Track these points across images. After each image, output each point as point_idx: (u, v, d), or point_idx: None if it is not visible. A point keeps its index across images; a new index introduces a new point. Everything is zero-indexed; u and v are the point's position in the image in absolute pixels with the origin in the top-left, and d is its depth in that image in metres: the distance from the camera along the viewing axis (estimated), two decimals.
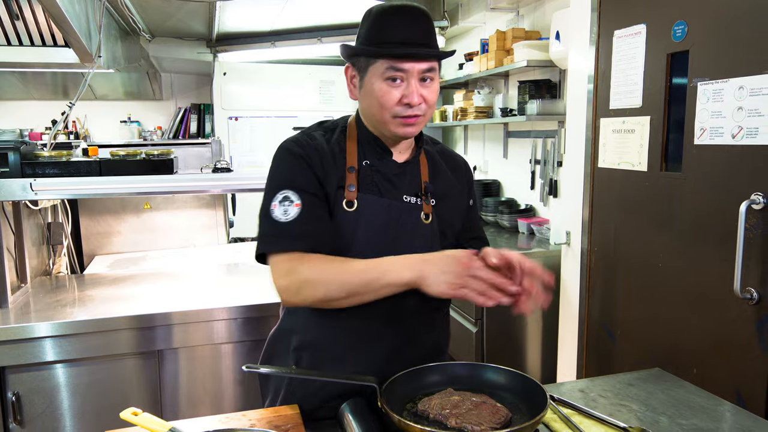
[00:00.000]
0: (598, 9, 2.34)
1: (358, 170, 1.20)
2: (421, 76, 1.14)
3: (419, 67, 1.12)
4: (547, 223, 3.33)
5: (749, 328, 1.72)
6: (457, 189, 1.34)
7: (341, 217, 1.18)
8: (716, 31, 1.80)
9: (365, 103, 1.19)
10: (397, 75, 1.12)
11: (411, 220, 1.23)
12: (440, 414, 0.95)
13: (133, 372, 1.99)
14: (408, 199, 1.24)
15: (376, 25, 1.14)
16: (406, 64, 1.11)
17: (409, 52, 1.10)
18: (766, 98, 1.63)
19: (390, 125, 1.17)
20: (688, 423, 1.12)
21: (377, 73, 1.13)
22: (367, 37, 1.14)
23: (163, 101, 5.46)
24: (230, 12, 3.30)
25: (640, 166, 2.15)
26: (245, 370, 0.97)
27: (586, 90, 2.43)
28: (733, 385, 1.78)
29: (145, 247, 3.09)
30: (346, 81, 1.22)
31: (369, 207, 1.18)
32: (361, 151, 1.23)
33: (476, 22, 4.04)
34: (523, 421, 0.94)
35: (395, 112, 1.14)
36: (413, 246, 1.22)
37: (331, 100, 5.32)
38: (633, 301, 2.23)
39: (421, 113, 1.16)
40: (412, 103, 1.13)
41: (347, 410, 1.02)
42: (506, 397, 1.02)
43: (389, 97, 1.13)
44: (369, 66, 1.14)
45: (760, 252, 1.67)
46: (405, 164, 1.26)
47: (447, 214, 1.30)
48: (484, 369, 1.10)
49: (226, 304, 2.04)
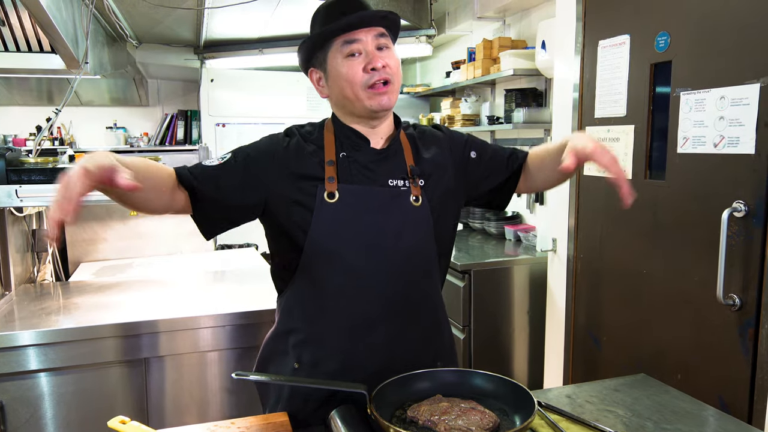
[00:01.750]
0: (583, 19, 2.38)
1: (336, 162, 1.22)
2: (376, 44, 1.19)
3: (372, 34, 1.18)
4: (534, 230, 3.36)
5: (732, 333, 1.75)
6: (443, 166, 1.32)
7: (324, 209, 1.18)
8: (698, 42, 1.84)
9: (335, 90, 1.23)
10: (354, 48, 1.17)
11: (398, 205, 1.22)
12: (429, 420, 0.95)
13: (119, 380, 1.96)
14: (393, 183, 1.23)
15: (318, 19, 1.22)
16: (358, 34, 1.17)
17: (353, 20, 1.15)
18: (747, 108, 1.66)
19: (364, 101, 1.19)
20: (673, 428, 1.13)
21: (335, 56, 1.19)
22: (314, 30, 1.22)
23: (149, 107, 5.43)
24: (218, 19, 3.30)
25: (624, 173, 2.18)
26: (235, 377, 0.97)
27: (571, 99, 2.47)
28: (716, 391, 1.80)
29: (132, 255, 3.06)
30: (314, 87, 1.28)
31: (350, 196, 1.19)
32: (338, 144, 1.25)
33: (463, 30, 4.08)
34: (512, 426, 0.95)
35: (364, 81, 1.18)
36: (404, 230, 1.22)
37: (318, 107, 5.32)
38: (618, 308, 2.26)
39: (388, 77, 1.19)
40: (376, 66, 1.17)
41: (337, 417, 1.02)
42: (494, 404, 1.03)
43: (353, 70, 1.18)
44: (326, 55, 1.20)
45: (742, 259, 1.70)
46: (386, 150, 1.26)
47: (437, 193, 1.28)
48: (473, 375, 1.10)
49: (214, 312, 2.02)
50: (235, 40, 4.08)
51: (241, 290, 2.31)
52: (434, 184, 1.28)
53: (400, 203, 1.22)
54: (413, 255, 1.24)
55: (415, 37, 3.82)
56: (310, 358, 1.22)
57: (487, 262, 2.97)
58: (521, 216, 3.65)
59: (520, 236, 3.38)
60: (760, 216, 1.65)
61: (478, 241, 3.54)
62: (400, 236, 1.22)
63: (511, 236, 3.44)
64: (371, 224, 1.20)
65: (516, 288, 3.03)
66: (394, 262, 1.21)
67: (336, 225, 1.18)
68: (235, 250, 3.50)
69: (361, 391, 0.99)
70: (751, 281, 1.68)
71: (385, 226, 1.21)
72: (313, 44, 1.21)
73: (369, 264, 1.20)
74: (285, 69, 5.00)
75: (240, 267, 2.80)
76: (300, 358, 1.22)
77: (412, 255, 1.24)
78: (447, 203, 1.31)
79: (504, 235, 3.52)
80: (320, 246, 1.19)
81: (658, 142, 2.05)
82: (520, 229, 3.40)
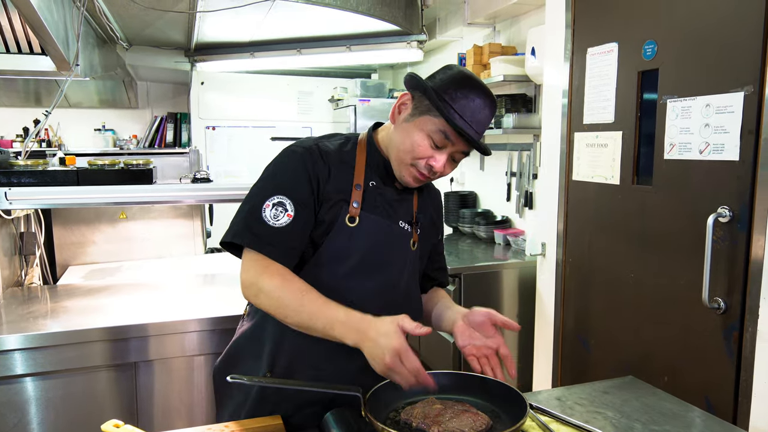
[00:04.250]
0: (572, 26, 2.42)
1: (364, 188, 1.24)
2: (456, 156, 1.21)
3: (461, 147, 1.18)
4: (523, 235, 3.39)
5: (717, 336, 1.78)
6: (434, 222, 1.42)
7: (341, 230, 1.21)
8: (684, 51, 1.88)
9: (399, 135, 1.22)
10: (441, 142, 1.17)
11: (403, 246, 1.29)
12: (423, 422, 0.96)
13: (108, 385, 1.95)
14: (403, 225, 1.29)
15: (458, 90, 1.15)
16: (456, 139, 1.16)
17: (469, 135, 1.15)
18: (731, 116, 1.70)
19: (403, 169, 1.22)
20: (661, 429, 1.16)
21: (428, 126, 1.16)
22: (444, 92, 1.15)
23: (138, 110, 5.41)
24: (210, 22, 3.29)
25: (612, 179, 2.21)
26: (230, 380, 0.97)
27: (560, 105, 2.50)
28: (702, 392, 1.83)
29: (121, 258, 3.04)
30: (395, 103, 1.24)
31: (370, 226, 1.22)
32: (368, 171, 1.26)
33: (453, 36, 4.11)
34: (504, 428, 0.96)
35: (417, 164, 1.19)
36: (401, 270, 1.29)
37: (309, 111, 5.34)
38: (606, 311, 2.28)
39: (432, 178, 1.23)
40: (435, 169, 1.19)
41: (331, 420, 1.03)
42: (487, 406, 1.05)
43: (421, 151, 1.18)
44: (427, 113, 1.16)
45: (727, 263, 1.74)
46: (403, 191, 1.31)
47: (425, 244, 1.38)
48: (465, 378, 1.12)
49: (204, 315, 2.02)
50: (227, 43, 4.08)
51: (231, 294, 2.30)
52: (425, 236, 1.37)
53: (403, 244, 1.30)
54: (403, 291, 1.31)
55: (406, 42, 3.85)
56: (285, 366, 1.22)
57: (477, 266, 2.99)
58: (510, 220, 3.68)
59: (510, 240, 3.41)
60: (744, 221, 1.68)
61: (467, 245, 3.56)
62: (397, 274, 1.28)
63: (501, 240, 3.47)
64: (378, 256, 1.24)
65: (506, 292, 3.05)
66: (389, 296, 1.27)
67: (347, 248, 1.21)
68: (224, 254, 3.48)
69: (355, 393, 1.00)
70: (735, 285, 1.72)
71: (386, 262, 1.26)
72: (427, 94, 1.16)
73: (365, 292, 1.23)
74: (276, 72, 5.01)
75: (230, 270, 2.80)
76: (273, 368, 1.23)
77: (403, 291, 1.30)
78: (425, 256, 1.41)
79: (493, 240, 3.54)
80: (325, 265, 1.21)
81: (645, 148, 2.09)
82: (510, 234, 3.43)
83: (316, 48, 3.88)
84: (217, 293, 2.39)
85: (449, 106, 1.14)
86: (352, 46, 3.83)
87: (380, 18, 3.25)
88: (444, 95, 1.14)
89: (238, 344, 1.33)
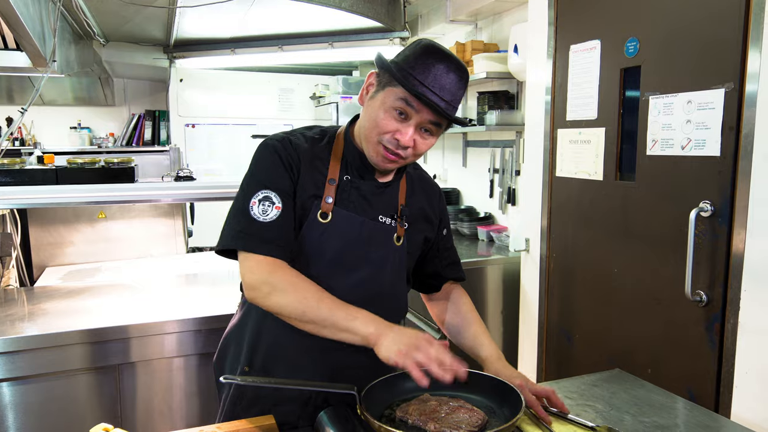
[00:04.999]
0: (555, 24, 2.44)
1: (338, 184, 1.20)
2: (424, 125, 1.14)
3: (427, 116, 1.12)
4: (506, 231, 3.41)
5: (699, 329, 1.82)
6: (428, 216, 1.37)
7: (313, 227, 1.18)
8: (666, 48, 1.91)
9: (365, 114, 1.18)
10: (406, 109, 1.11)
11: (383, 241, 1.25)
12: (419, 419, 0.96)
13: (89, 388, 1.91)
14: (383, 220, 1.25)
15: (419, 59, 1.11)
16: (418, 105, 1.10)
17: (429, 99, 1.09)
18: (713, 112, 1.73)
19: (372, 149, 1.17)
20: (650, 420, 1.17)
21: (390, 97, 1.12)
22: (406, 63, 1.12)
23: (115, 107, 5.31)
24: (190, 18, 3.24)
25: (595, 175, 2.24)
26: (223, 381, 0.96)
27: (543, 102, 2.52)
28: (685, 384, 1.87)
29: (99, 258, 2.98)
30: (363, 85, 1.20)
31: (343, 222, 1.19)
32: (344, 165, 1.23)
33: (435, 33, 4.12)
34: (500, 424, 0.97)
35: (382, 139, 1.14)
36: (382, 266, 1.25)
37: (290, 109, 5.30)
38: (590, 305, 2.31)
39: (403, 156, 1.16)
40: (402, 141, 1.12)
41: (325, 419, 1.02)
42: (481, 401, 1.05)
43: (385, 124, 1.13)
44: (388, 86, 1.12)
45: (709, 257, 1.77)
46: (385, 185, 1.27)
47: (414, 238, 1.33)
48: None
49: (187, 316, 1.99)
50: (207, 40, 4.03)
51: (213, 293, 2.28)
52: (416, 230, 1.32)
53: (384, 239, 1.25)
54: (386, 288, 1.27)
55: (389, 39, 3.84)
56: (261, 364, 1.21)
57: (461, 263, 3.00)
58: (493, 216, 3.70)
59: (493, 237, 3.42)
60: (726, 215, 1.71)
61: None
62: (378, 270, 1.25)
63: (484, 237, 3.49)
64: (354, 253, 1.21)
65: (490, 287, 3.07)
66: (370, 292, 1.24)
67: (319, 245, 1.19)
68: (206, 253, 3.44)
69: (350, 391, 0.99)
70: (717, 278, 1.75)
71: (365, 258, 1.23)
72: (388, 68, 1.13)
73: (343, 290, 1.20)
74: (256, 69, 4.96)
75: (212, 270, 2.76)
76: (251, 364, 1.22)
77: (385, 288, 1.27)
78: (416, 251, 1.36)
79: (477, 236, 3.56)
80: (298, 262, 1.19)
81: (627, 145, 2.11)
82: (493, 230, 3.45)
83: (298, 45, 3.85)
84: (200, 293, 2.36)
85: (408, 74, 1.09)
86: (335, 43, 3.81)
87: (363, 14, 3.24)
88: (404, 66, 1.11)
89: (225, 340, 1.33)
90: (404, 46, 4.26)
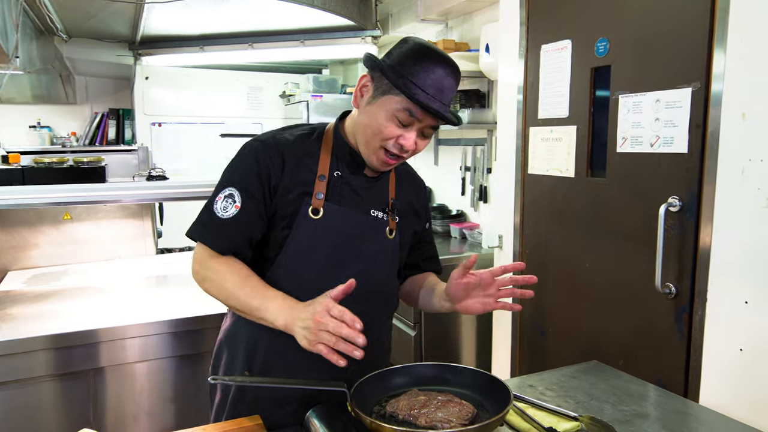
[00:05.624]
0: (526, 24, 2.48)
1: (328, 179, 1.21)
2: (425, 131, 1.16)
3: (430, 122, 1.14)
4: (478, 228, 3.46)
5: (668, 320, 1.88)
6: (415, 210, 1.39)
7: (304, 223, 1.18)
8: (635, 48, 1.96)
9: (364, 119, 1.17)
10: (407, 120, 1.13)
11: (375, 235, 1.26)
12: (410, 414, 0.97)
13: (59, 395, 1.86)
14: (375, 214, 1.26)
15: (416, 62, 1.11)
16: (422, 115, 1.12)
17: (434, 108, 1.10)
18: (680, 110, 1.79)
19: (373, 154, 1.18)
20: (629, 409, 1.21)
21: (392, 105, 1.12)
22: (402, 67, 1.12)
23: (77, 105, 5.14)
24: (158, 14, 3.17)
25: (567, 172, 2.29)
26: (211, 381, 0.95)
27: (516, 100, 2.56)
28: (655, 373, 1.93)
29: (65, 261, 2.89)
30: (356, 86, 1.20)
31: (334, 217, 1.20)
32: (334, 160, 1.23)
33: (406, 32, 4.13)
34: (488, 417, 0.98)
35: (385, 145, 1.16)
36: (376, 260, 1.26)
37: (259, 107, 5.24)
38: (563, 300, 2.37)
39: (405, 157, 1.19)
40: (406, 147, 1.15)
41: (315, 417, 1.02)
42: (468, 395, 1.06)
43: (389, 131, 1.14)
44: (389, 93, 1.12)
45: (678, 250, 1.83)
46: (375, 179, 1.28)
47: (405, 231, 1.34)
48: (446, 369, 1.13)
49: (159, 318, 1.95)
50: (175, 37, 3.94)
51: (185, 295, 2.24)
52: (405, 223, 1.34)
53: (376, 233, 1.26)
54: (379, 283, 1.28)
55: (361, 37, 3.84)
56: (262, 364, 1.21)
57: None
58: (465, 214, 3.74)
59: (466, 234, 3.47)
60: (693, 210, 1.78)
61: None
62: (372, 264, 1.26)
63: (457, 234, 3.52)
64: (346, 248, 1.22)
65: None
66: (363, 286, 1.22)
67: (312, 241, 1.19)
68: (175, 254, 3.38)
69: (340, 389, 0.99)
70: (685, 271, 1.81)
71: (359, 253, 1.24)
72: (385, 72, 1.13)
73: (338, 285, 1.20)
74: (224, 67, 4.89)
75: (182, 271, 2.71)
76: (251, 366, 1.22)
77: (378, 283, 1.28)
78: (406, 244, 1.38)
79: (450, 233, 3.59)
80: (291, 260, 1.19)
81: (598, 142, 2.17)
82: (465, 227, 3.49)
83: (270, 42, 3.81)
84: (170, 295, 2.32)
85: (409, 81, 1.10)
86: (306, 41, 3.79)
87: (334, 12, 3.23)
88: (403, 71, 1.11)
89: (220, 343, 1.31)
90: (376, 45, 4.28)
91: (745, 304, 1.62)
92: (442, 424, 0.93)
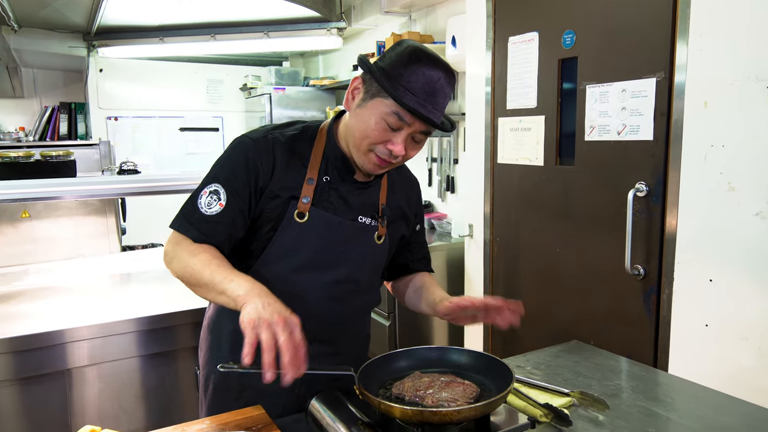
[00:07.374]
0: (493, 16, 2.53)
1: (316, 183, 1.20)
2: (416, 136, 1.14)
3: (419, 127, 1.11)
4: (446, 218, 3.52)
5: (637, 300, 1.98)
6: (405, 214, 1.37)
7: (290, 226, 1.18)
8: (601, 40, 2.04)
9: (354, 122, 1.15)
10: (398, 125, 1.10)
11: (362, 240, 1.25)
12: (416, 395, 1.00)
13: (34, 398, 1.79)
14: (363, 220, 1.25)
15: (406, 65, 1.09)
16: (411, 119, 1.09)
17: (425, 114, 1.08)
18: (645, 100, 1.88)
19: (362, 156, 1.16)
20: (614, 384, 1.28)
21: (381, 108, 1.10)
22: (394, 70, 1.09)
23: (24, 99, 4.90)
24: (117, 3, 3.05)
25: (536, 161, 2.36)
26: (221, 369, 0.95)
27: (484, 92, 2.61)
28: (625, 351, 2.00)
29: (24, 261, 2.77)
30: (348, 88, 1.17)
31: (320, 222, 1.19)
32: (324, 164, 1.22)
33: (369, 24, 4.14)
34: (491, 395, 1.02)
35: (375, 148, 1.13)
36: (362, 264, 1.26)
37: (219, 100, 5.15)
38: (535, 285, 2.44)
39: (395, 162, 1.16)
40: (395, 152, 1.12)
41: (319, 403, 1.03)
42: (469, 375, 1.10)
43: (376, 135, 1.11)
44: (378, 95, 1.10)
45: (645, 233, 1.93)
46: (365, 184, 1.26)
47: (393, 236, 1.34)
48: (447, 351, 1.17)
49: (126, 317, 1.90)
50: (134, 27, 3.80)
51: (152, 292, 2.19)
52: (395, 227, 1.34)
53: (364, 239, 1.26)
54: (363, 284, 1.29)
55: (326, 29, 3.82)
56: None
57: None
58: (433, 205, 3.79)
59: (434, 224, 3.52)
60: (659, 195, 1.87)
61: None
62: (357, 268, 1.26)
63: (426, 224, 3.57)
64: (331, 253, 1.22)
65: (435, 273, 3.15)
66: (343, 289, 1.25)
67: (296, 245, 1.19)
68: (139, 251, 3.29)
69: (349, 372, 1.01)
70: (652, 252, 1.91)
71: (343, 257, 1.23)
72: (374, 75, 1.10)
73: (315, 290, 1.21)
74: (182, 59, 4.76)
75: (147, 268, 2.65)
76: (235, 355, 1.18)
77: (362, 284, 1.29)
78: (396, 246, 1.38)
79: None
80: (274, 261, 1.19)
81: (566, 131, 2.25)
82: (434, 217, 3.54)
83: (232, 34, 3.73)
84: (137, 292, 2.26)
85: (399, 85, 1.07)
86: (270, 33, 3.73)
87: (299, 3, 3.20)
88: (393, 74, 1.08)
89: (203, 333, 1.31)
90: (341, 37, 4.25)
91: (709, 282, 1.72)
92: (448, 403, 0.96)
